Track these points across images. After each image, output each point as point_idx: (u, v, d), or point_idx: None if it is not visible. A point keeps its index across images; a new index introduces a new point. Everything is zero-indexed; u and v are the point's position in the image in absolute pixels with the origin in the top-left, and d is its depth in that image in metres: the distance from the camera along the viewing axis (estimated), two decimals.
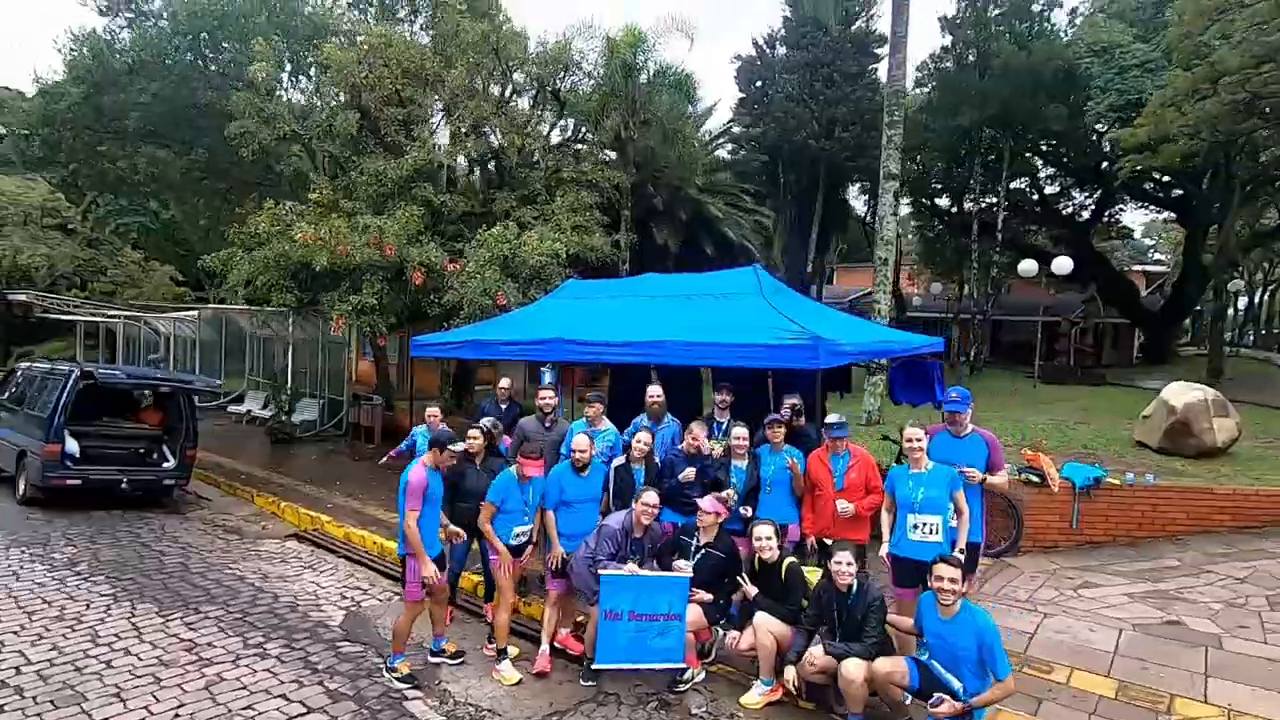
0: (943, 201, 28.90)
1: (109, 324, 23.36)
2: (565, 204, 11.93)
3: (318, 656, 5.00)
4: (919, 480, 4.28)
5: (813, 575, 4.37)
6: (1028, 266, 18.70)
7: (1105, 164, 21.31)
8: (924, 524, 4.21)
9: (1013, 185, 28.60)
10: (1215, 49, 14.96)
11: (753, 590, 4.38)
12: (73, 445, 8.92)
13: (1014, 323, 28.61)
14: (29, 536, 7.54)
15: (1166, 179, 25.98)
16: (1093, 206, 26.82)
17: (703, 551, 4.58)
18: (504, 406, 6.77)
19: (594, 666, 4.38)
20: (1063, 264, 17.73)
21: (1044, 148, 23.06)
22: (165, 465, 9.68)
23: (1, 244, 26.12)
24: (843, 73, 20.47)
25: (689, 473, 5.15)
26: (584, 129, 15.39)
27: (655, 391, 6.23)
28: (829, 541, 4.85)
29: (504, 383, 6.84)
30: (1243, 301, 44.99)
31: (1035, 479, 7.06)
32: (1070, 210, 29.10)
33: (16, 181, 28.79)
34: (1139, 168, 17.41)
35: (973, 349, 23.02)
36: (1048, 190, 28.39)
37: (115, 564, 6.83)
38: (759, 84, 23.86)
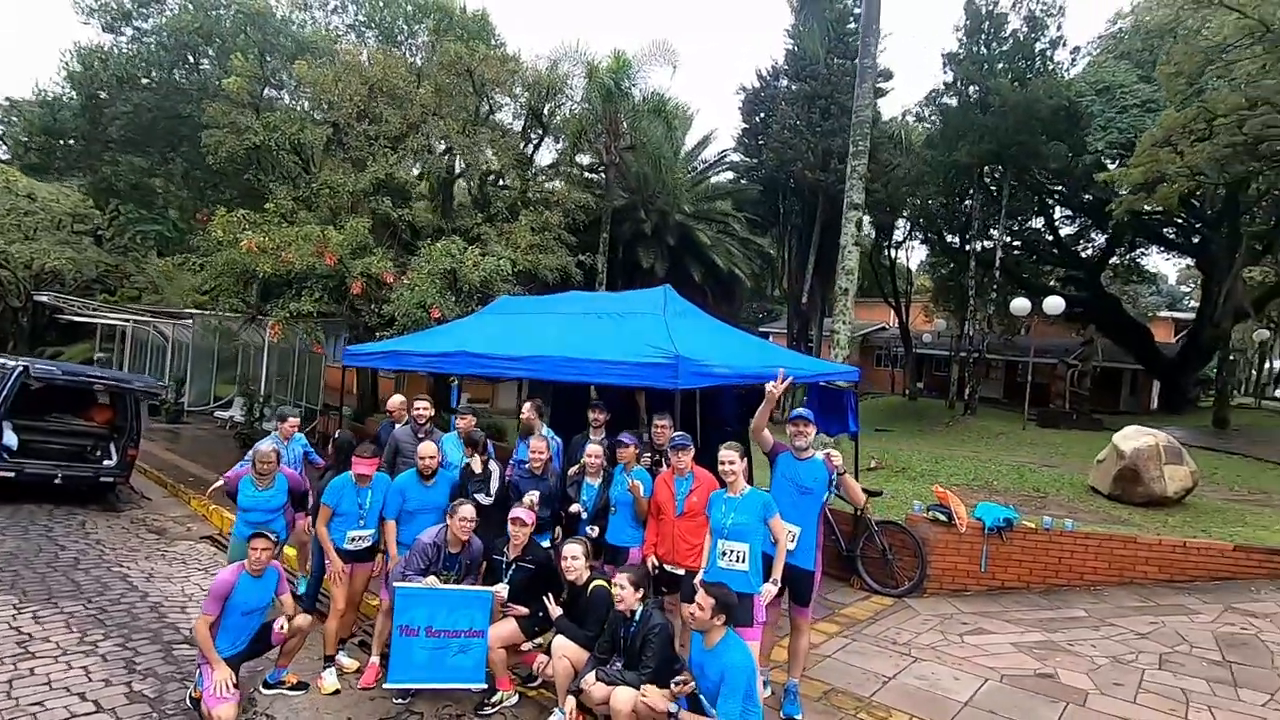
0: (953, 239, 28.52)
1: (122, 327, 24.17)
2: (527, 223, 12.00)
3: (145, 659, 4.92)
4: (731, 505, 4.08)
5: None
6: (1020, 305, 18.25)
7: (1108, 203, 20.82)
8: (731, 551, 4.00)
9: (1029, 225, 28.26)
10: (1210, 89, 14.61)
11: (556, 611, 4.20)
12: (11, 438, 9.08)
13: (1026, 364, 27.93)
14: None
15: (1185, 223, 25.40)
16: (1102, 245, 26.16)
17: (513, 567, 4.43)
18: (397, 429, 6.42)
19: (386, 685, 4.23)
20: (1054, 303, 17.26)
21: (1046, 185, 22.62)
22: (106, 463, 9.82)
23: (32, 247, 27.30)
24: (840, 105, 20.39)
25: (533, 495, 5.03)
26: (566, 151, 15.57)
27: (527, 409, 6.17)
28: (668, 568, 4.67)
29: (394, 400, 6.54)
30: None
31: (942, 517, 6.75)
32: (1090, 252, 28.46)
33: (50, 188, 30.17)
34: (1137, 209, 16.94)
35: (968, 388, 22.40)
36: (1064, 231, 27.86)
37: (8, 555, 6.88)
38: (761, 115, 23.94)
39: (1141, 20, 20.68)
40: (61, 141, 13.18)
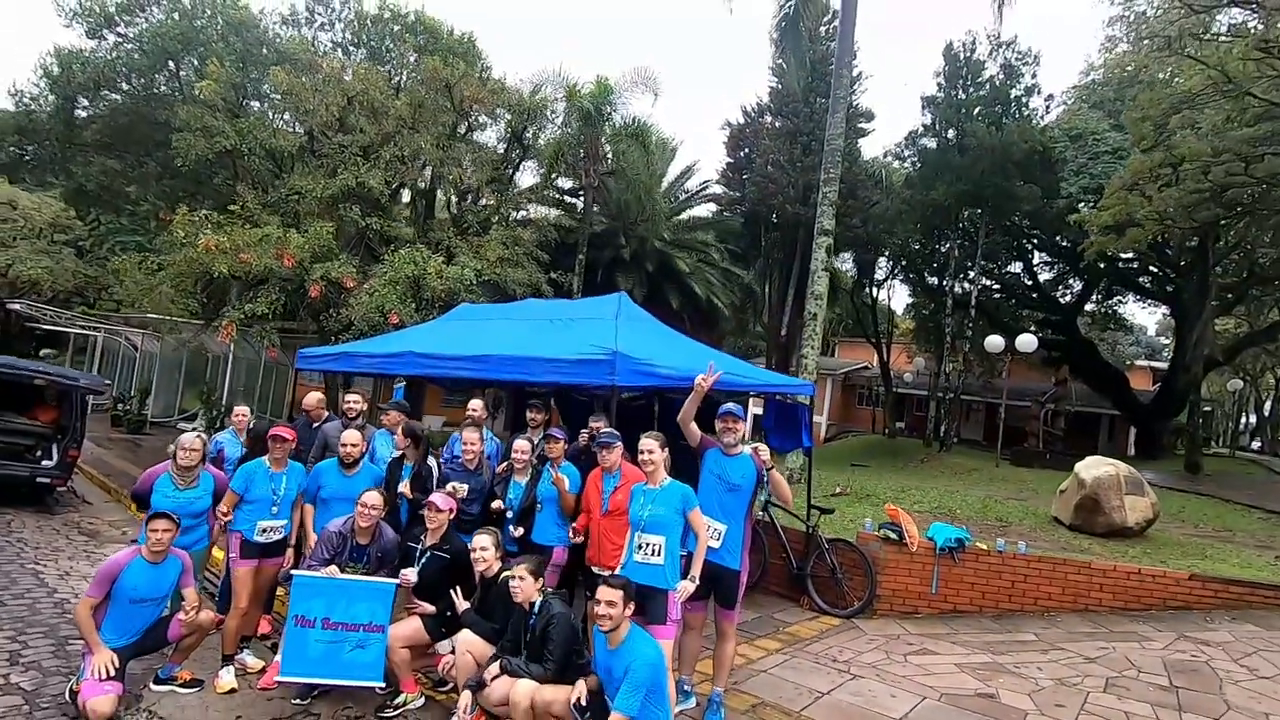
0: (933, 280, 28.82)
1: (94, 337, 23.80)
2: (498, 237, 11.96)
3: (33, 653, 4.62)
4: (650, 496, 3.90)
5: None
6: (994, 342, 18.34)
7: (1082, 248, 21.18)
8: (648, 544, 3.80)
9: (1006, 269, 28.65)
10: (1177, 135, 14.96)
11: (463, 604, 3.97)
12: None
13: (1004, 405, 28.02)
14: None
15: (1159, 272, 25.84)
16: (1079, 292, 26.52)
17: (428, 555, 4.20)
18: (315, 427, 5.98)
19: (278, 679, 3.97)
20: (1027, 341, 17.36)
21: (1023, 229, 22.99)
22: (45, 463, 9.48)
23: (8, 254, 26.97)
24: (820, 142, 20.70)
25: (459, 487, 4.83)
26: (546, 172, 15.65)
27: (474, 404, 5.99)
28: (594, 569, 4.45)
29: (310, 398, 6.13)
30: (1267, 406, 43.61)
31: (894, 535, 6.57)
32: (1067, 298, 28.81)
33: (32, 198, 29.96)
34: (1107, 251, 17.18)
35: (944, 426, 22.35)
36: (1042, 276, 28.24)
37: None
38: (745, 150, 24.28)
39: (1112, 72, 21.31)
40: (33, 146, 13.05)
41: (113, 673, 3.86)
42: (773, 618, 6.32)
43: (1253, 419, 47.10)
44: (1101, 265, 22.28)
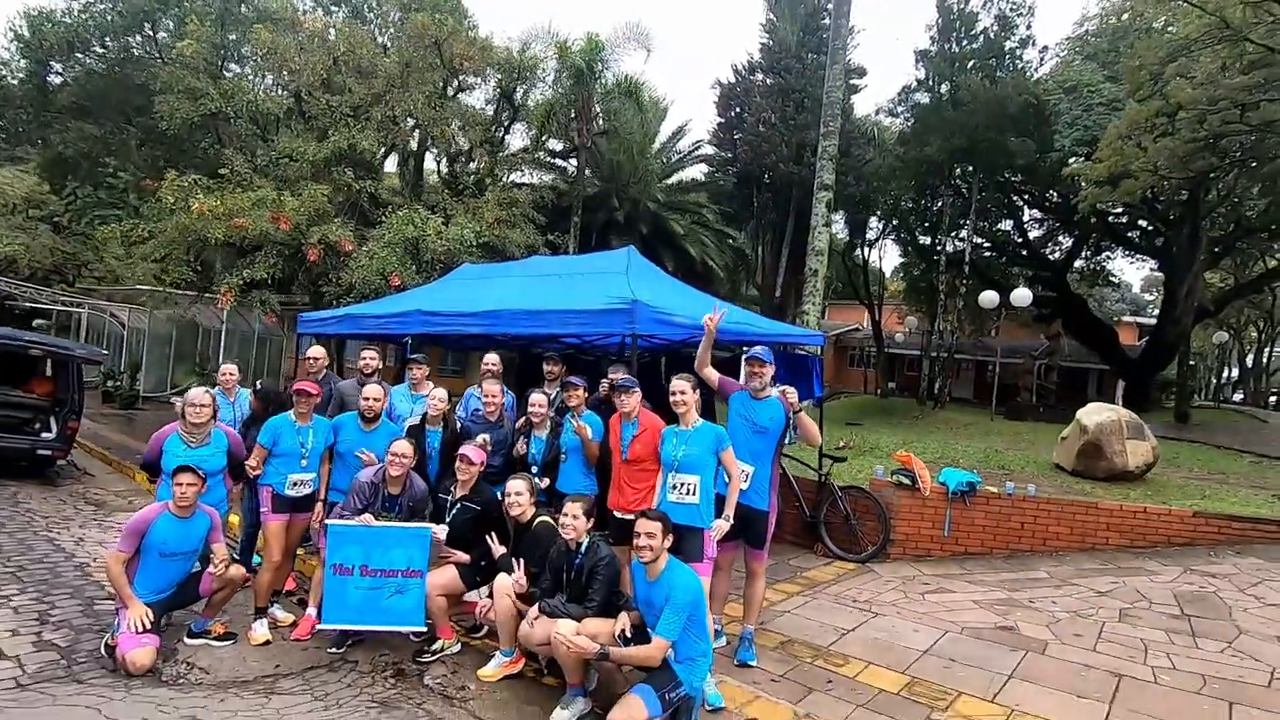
0: (925, 239, 28.81)
1: (77, 314, 23.33)
2: (494, 199, 11.78)
3: (62, 612, 4.60)
4: (682, 438, 3.91)
5: None
6: (988, 298, 18.43)
7: (1075, 204, 21.21)
8: (682, 484, 3.83)
9: (998, 227, 28.67)
10: (1171, 84, 14.88)
11: (499, 549, 3.99)
12: None
13: (994, 363, 28.32)
14: None
15: (1149, 226, 25.96)
16: (1069, 247, 26.63)
17: (458, 506, 4.21)
18: (343, 382, 5.98)
19: (320, 626, 3.99)
20: (1022, 295, 17.47)
21: (1015, 182, 22.94)
22: (44, 436, 9.36)
23: None
24: (813, 99, 20.43)
25: (484, 436, 4.82)
26: (536, 133, 15.37)
27: (491, 358, 5.93)
28: (617, 514, 4.47)
29: (314, 350, 5.98)
30: (1250, 360, 44.33)
31: (906, 480, 6.66)
32: (1057, 255, 28.93)
33: (5, 172, 29.07)
34: (1100, 204, 17.20)
35: (938, 384, 22.57)
36: (1033, 234, 28.30)
37: None
38: (736, 109, 23.95)
39: (1107, 22, 21.08)
40: (4, 116, 12.59)
41: (148, 626, 3.86)
42: (788, 564, 6.41)
43: (1234, 372, 47.91)
44: (1092, 220, 22.32)
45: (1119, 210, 22.78)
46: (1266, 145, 15.08)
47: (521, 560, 3.78)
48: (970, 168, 21.59)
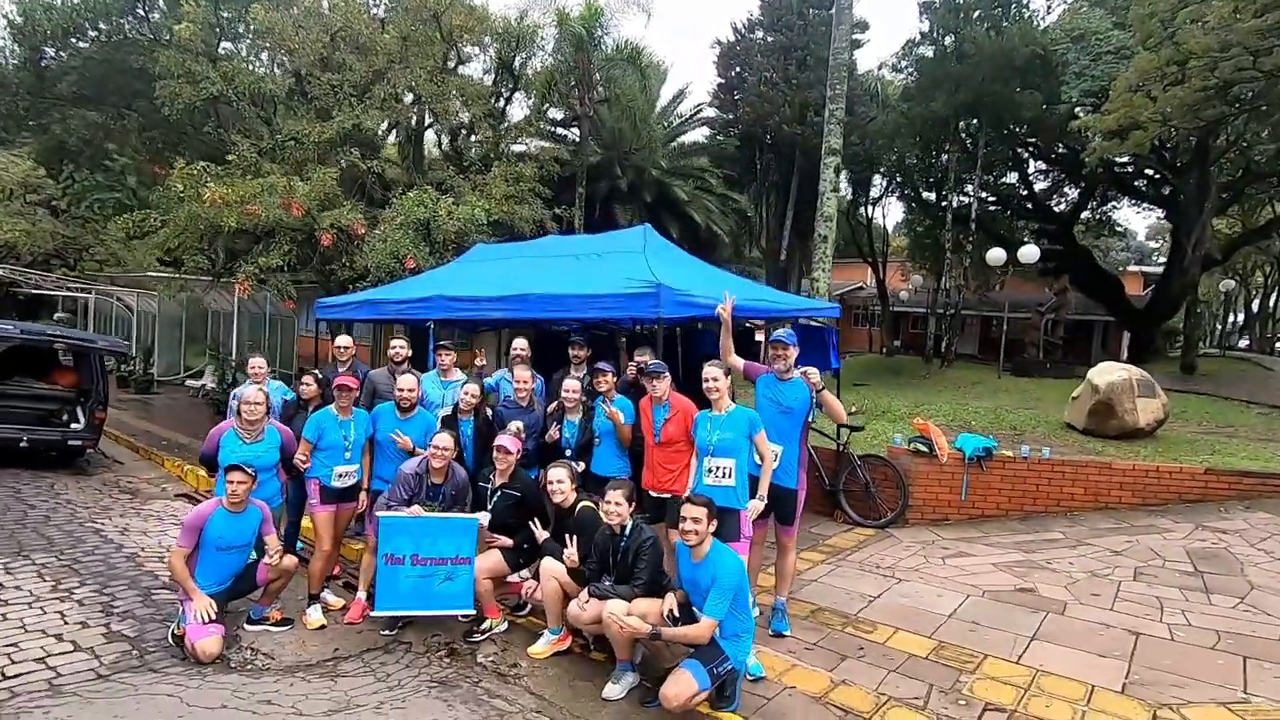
0: (930, 196, 28.54)
1: (84, 299, 23.40)
2: (501, 174, 11.74)
3: (123, 603, 4.82)
4: (716, 423, 4.05)
5: None
6: (996, 255, 18.38)
7: (1081, 156, 20.95)
8: (717, 467, 3.98)
9: (1002, 180, 28.36)
10: (1182, 31, 14.59)
11: (543, 534, 4.17)
12: None
13: (1001, 318, 28.32)
14: None
15: (1156, 175, 25.67)
16: (1075, 199, 26.39)
17: (499, 494, 4.37)
18: (373, 371, 6.16)
19: (373, 614, 4.19)
20: (1029, 252, 17.43)
21: (1020, 135, 22.64)
22: (74, 426, 9.56)
23: None
24: (816, 57, 20.10)
25: (517, 423, 4.96)
26: (537, 103, 15.19)
27: (520, 344, 6.04)
28: (652, 494, 4.63)
29: (342, 340, 6.16)
30: (1255, 305, 44.25)
31: (924, 448, 6.82)
32: (1063, 207, 28.67)
33: (1, 156, 28.78)
34: (1108, 156, 17.02)
35: (944, 342, 22.65)
36: (1038, 186, 28.02)
37: None
38: (737, 69, 23.54)
39: None
40: (3, 99, 12.47)
41: (214, 616, 4.07)
42: (810, 532, 6.60)
43: (1240, 318, 47.83)
44: (1100, 170, 22.09)
45: (1125, 160, 22.52)
46: (1278, 90, 14.84)
47: (573, 537, 3.95)
48: (976, 122, 21.30)
